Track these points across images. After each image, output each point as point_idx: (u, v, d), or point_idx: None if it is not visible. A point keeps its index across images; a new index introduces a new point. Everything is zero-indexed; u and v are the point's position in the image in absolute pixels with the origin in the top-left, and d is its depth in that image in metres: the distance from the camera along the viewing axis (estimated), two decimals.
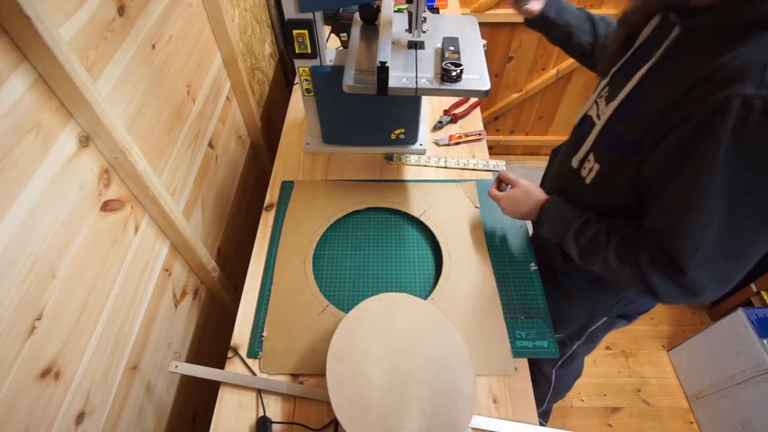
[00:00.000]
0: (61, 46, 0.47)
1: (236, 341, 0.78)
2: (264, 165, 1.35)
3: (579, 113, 0.78)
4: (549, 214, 0.75)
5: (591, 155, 0.69)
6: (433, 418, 0.60)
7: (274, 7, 1.39)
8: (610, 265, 0.64)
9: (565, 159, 0.78)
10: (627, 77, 0.64)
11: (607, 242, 0.65)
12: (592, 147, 0.69)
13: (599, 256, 0.66)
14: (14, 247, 0.46)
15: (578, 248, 0.69)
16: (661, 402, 1.53)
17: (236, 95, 1.11)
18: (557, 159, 0.85)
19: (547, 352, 0.76)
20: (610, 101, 0.67)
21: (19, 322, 0.47)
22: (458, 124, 1.16)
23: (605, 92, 0.70)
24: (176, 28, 0.80)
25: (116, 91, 0.62)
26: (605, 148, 0.67)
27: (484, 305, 0.81)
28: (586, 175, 0.70)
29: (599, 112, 0.70)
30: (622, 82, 0.65)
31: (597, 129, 0.68)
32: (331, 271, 0.87)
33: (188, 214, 0.87)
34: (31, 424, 0.49)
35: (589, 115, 0.73)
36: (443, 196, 0.98)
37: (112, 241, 0.63)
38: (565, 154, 0.79)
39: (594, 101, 0.74)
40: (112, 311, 0.64)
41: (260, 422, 0.68)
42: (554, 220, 0.74)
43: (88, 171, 0.57)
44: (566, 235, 0.71)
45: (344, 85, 0.80)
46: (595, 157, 0.69)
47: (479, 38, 0.88)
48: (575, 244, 0.70)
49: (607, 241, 0.65)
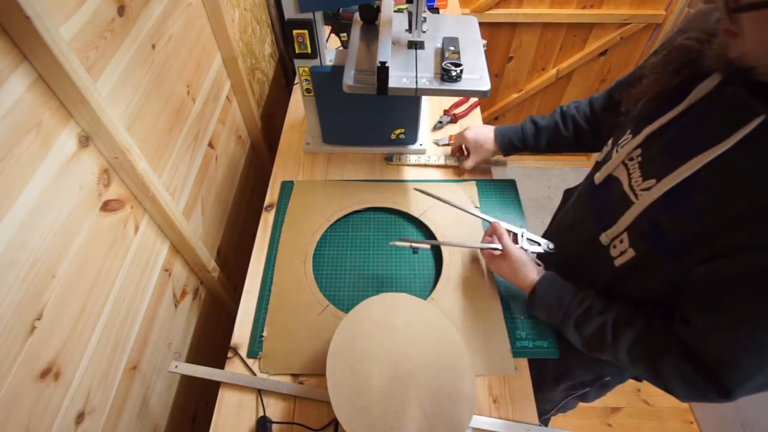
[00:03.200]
0: (61, 46, 0.47)
1: (236, 341, 0.78)
2: (264, 165, 1.35)
3: (600, 171, 0.65)
4: (543, 299, 0.67)
5: (625, 236, 0.58)
6: (433, 418, 0.60)
7: (274, 7, 1.39)
8: (620, 361, 0.58)
9: (587, 226, 0.65)
10: (673, 153, 0.52)
11: (615, 338, 0.57)
12: (627, 229, 0.58)
13: (607, 351, 0.59)
14: (14, 247, 0.46)
15: (581, 339, 0.63)
16: (661, 402, 1.53)
17: (236, 95, 1.11)
18: (576, 222, 0.72)
19: (547, 352, 0.76)
20: (648, 176, 0.55)
21: (19, 322, 0.47)
22: (458, 124, 1.16)
23: (638, 156, 0.58)
24: (176, 28, 0.80)
25: (116, 92, 0.62)
26: (644, 239, 0.56)
27: (484, 305, 0.81)
28: (617, 257, 0.60)
29: (632, 182, 0.58)
30: (665, 156, 0.53)
31: (635, 212, 0.56)
32: (331, 271, 0.87)
33: (188, 214, 0.87)
34: (31, 424, 0.49)
35: (618, 180, 0.61)
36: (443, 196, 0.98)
37: (112, 241, 0.63)
38: (585, 216, 0.69)
39: (622, 162, 0.61)
40: (112, 311, 0.64)
41: (260, 422, 0.68)
42: (549, 305, 0.66)
43: (88, 171, 0.57)
44: (565, 325, 0.64)
45: (344, 85, 0.80)
46: (630, 242, 0.57)
47: (479, 38, 0.88)
48: (577, 335, 0.63)
49: (615, 337, 0.57)
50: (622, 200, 0.59)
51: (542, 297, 0.67)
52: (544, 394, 1.00)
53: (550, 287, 0.66)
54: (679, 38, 0.56)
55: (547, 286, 0.67)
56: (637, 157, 0.59)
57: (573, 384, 0.91)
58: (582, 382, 0.89)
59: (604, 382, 0.87)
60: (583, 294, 0.63)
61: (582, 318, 0.61)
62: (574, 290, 0.64)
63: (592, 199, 0.68)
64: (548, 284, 0.67)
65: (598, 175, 0.66)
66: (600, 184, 0.66)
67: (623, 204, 0.58)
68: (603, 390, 0.90)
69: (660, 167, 0.54)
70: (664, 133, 0.56)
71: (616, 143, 0.65)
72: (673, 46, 0.57)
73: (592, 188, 0.68)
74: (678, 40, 0.56)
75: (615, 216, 0.59)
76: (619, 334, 0.57)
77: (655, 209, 0.53)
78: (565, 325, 0.64)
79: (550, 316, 0.67)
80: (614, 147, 0.65)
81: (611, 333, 0.58)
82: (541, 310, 0.68)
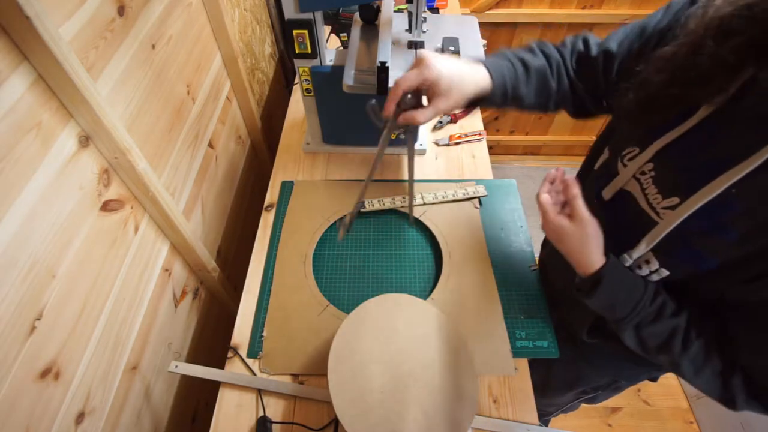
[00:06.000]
0: (61, 46, 0.47)
1: (236, 341, 0.78)
2: (264, 165, 1.35)
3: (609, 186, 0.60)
4: (611, 288, 0.55)
5: (651, 257, 0.54)
6: (435, 418, 0.60)
7: (274, 7, 1.39)
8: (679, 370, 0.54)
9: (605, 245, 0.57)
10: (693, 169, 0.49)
11: (684, 345, 0.52)
12: (653, 250, 0.53)
13: (669, 356, 0.54)
14: (14, 247, 0.46)
15: (640, 340, 0.55)
16: (661, 402, 1.53)
17: (236, 95, 1.11)
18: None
19: (547, 352, 0.76)
20: (668, 194, 0.51)
21: (19, 322, 0.47)
22: (458, 124, 1.16)
23: (650, 171, 0.54)
24: (176, 28, 0.80)
25: (116, 91, 0.62)
26: (676, 258, 0.52)
27: (484, 305, 0.81)
28: (647, 275, 0.55)
29: (650, 200, 0.54)
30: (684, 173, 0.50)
31: (660, 232, 0.51)
32: (331, 271, 0.87)
33: (188, 214, 0.87)
34: (31, 424, 0.49)
35: (631, 195, 0.57)
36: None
37: (112, 241, 0.63)
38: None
39: (633, 177, 0.56)
40: (112, 311, 0.64)
41: (260, 422, 0.68)
42: (616, 296, 0.55)
43: (88, 171, 0.57)
44: (627, 322, 0.55)
45: (344, 85, 0.80)
46: (660, 262, 0.53)
47: (479, 38, 0.88)
48: (637, 334, 0.55)
49: (686, 344, 0.52)
50: (640, 218, 0.55)
51: (611, 285, 0.54)
52: (550, 398, 0.99)
53: (620, 275, 0.55)
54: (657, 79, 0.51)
55: (618, 273, 0.55)
56: (649, 172, 0.54)
57: (585, 389, 0.89)
58: (595, 387, 0.88)
59: (617, 386, 0.85)
60: (654, 289, 0.54)
61: (652, 317, 0.53)
62: (644, 283, 0.55)
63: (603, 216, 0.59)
64: (619, 272, 0.55)
65: (607, 190, 0.61)
66: (610, 199, 0.61)
67: (643, 222, 0.54)
68: (614, 393, 0.88)
69: (679, 184, 0.50)
70: (678, 147, 0.52)
71: (618, 153, 0.60)
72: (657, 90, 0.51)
73: (601, 203, 0.62)
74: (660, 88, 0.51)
75: (635, 234, 0.55)
76: (690, 341, 0.52)
77: (685, 229, 0.49)
78: (628, 322, 0.54)
79: (612, 309, 0.56)
80: (617, 158, 0.60)
81: (682, 339, 0.52)
82: (602, 300, 0.56)
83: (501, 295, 0.82)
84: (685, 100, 0.49)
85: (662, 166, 0.53)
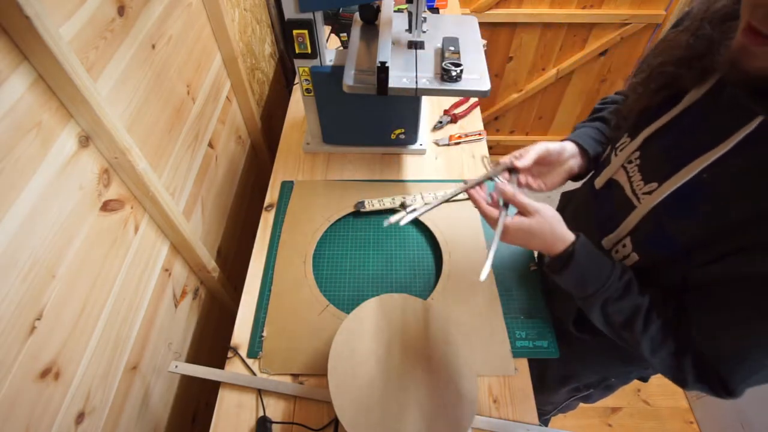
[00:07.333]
0: (61, 46, 0.47)
1: (236, 341, 0.78)
2: (264, 165, 1.35)
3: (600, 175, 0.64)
4: (580, 264, 0.56)
5: (628, 241, 0.57)
6: (434, 418, 0.60)
7: (274, 7, 1.39)
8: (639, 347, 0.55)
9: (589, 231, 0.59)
10: (672, 155, 0.52)
11: (645, 324, 0.54)
12: (629, 233, 0.57)
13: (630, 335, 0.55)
14: (14, 247, 0.46)
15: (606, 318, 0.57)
16: (660, 402, 1.53)
17: (236, 95, 1.11)
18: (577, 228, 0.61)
19: (547, 352, 0.76)
20: (649, 180, 0.54)
21: (19, 322, 0.47)
22: (458, 124, 1.16)
23: (636, 159, 0.58)
24: (176, 28, 0.80)
25: (116, 91, 0.62)
26: (646, 242, 0.55)
27: (484, 305, 0.81)
28: (620, 260, 0.59)
29: (633, 186, 0.57)
30: (664, 160, 0.53)
31: (637, 216, 0.55)
32: (331, 271, 0.87)
33: (188, 214, 0.87)
34: (30, 424, 0.49)
35: (618, 183, 0.60)
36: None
37: (112, 241, 0.63)
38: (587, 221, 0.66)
39: (621, 166, 0.60)
40: (112, 311, 0.64)
41: (260, 422, 0.68)
42: (585, 272, 0.56)
43: (88, 171, 0.57)
44: (595, 299, 0.56)
45: (344, 85, 0.80)
46: (633, 246, 0.57)
47: (479, 38, 0.88)
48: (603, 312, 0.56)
49: (647, 323, 0.54)
50: (624, 205, 0.58)
51: (583, 258, 0.56)
52: (546, 396, 1.00)
53: (591, 249, 0.57)
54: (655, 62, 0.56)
55: (589, 247, 0.56)
56: (635, 160, 0.58)
57: (578, 386, 0.90)
58: (587, 384, 0.89)
59: (608, 384, 0.86)
60: (622, 266, 0.56)
61: (620, 293, 0.55)
62: (612, 260, 0.56)
63: (594, 204, 0.65)
64: (589, 246, 0.57)
65: (599, 180, 0.65)
66: (601, 188, 0.64)
67: (625, 208, 0.57)
68: (607, 391, 0.90)
69: (660, 170, 0.53)
70: (662, 135, 0.55)
71: (614, 146, 0.64)
72: (652, 70, 0.57)
73: (593, 193, 0.66)
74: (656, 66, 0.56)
75: (617, 221, 0.58)
76: (651, 321, 0.54)
77: (658, 213, 0.52)
78: (596, 298, 0.55)
79: (583, 283, 0.56)
80: (613, 150, 0.64)
81: (643, 318, 0.54)
82: (575, 273, 0.56)
83: (501, 295, 0.82)
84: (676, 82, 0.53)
85: (647, 155, 0.57)
